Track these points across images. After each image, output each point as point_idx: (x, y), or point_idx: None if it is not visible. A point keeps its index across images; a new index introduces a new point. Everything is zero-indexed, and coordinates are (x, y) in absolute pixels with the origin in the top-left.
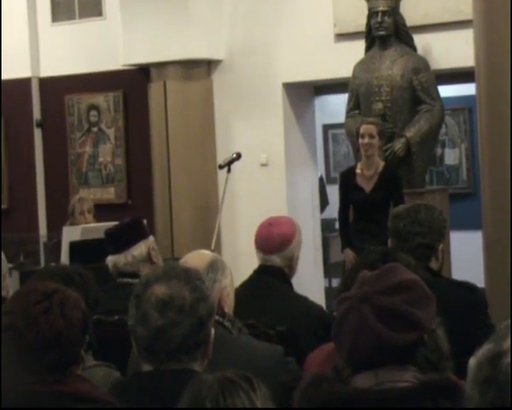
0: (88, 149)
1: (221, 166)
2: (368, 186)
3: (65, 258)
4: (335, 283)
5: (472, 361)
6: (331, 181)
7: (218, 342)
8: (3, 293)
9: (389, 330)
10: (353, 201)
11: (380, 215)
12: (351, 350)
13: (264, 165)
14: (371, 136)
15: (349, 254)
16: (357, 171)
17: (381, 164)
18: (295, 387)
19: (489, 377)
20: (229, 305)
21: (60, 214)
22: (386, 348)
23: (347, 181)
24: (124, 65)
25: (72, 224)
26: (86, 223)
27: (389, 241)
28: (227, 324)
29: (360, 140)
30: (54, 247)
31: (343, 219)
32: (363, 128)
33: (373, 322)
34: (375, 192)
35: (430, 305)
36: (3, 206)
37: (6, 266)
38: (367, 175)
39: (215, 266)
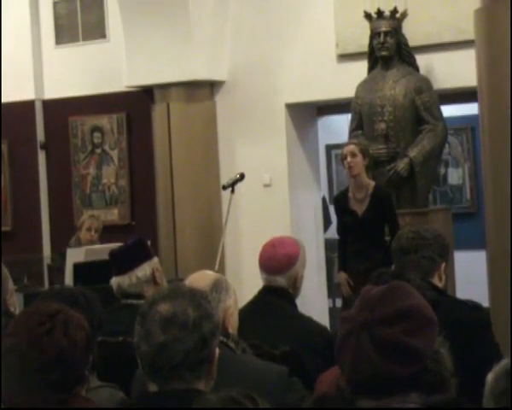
0: (91, 170)
1: (224, 187)
2: (360, 209)
3: (69, 279)
4: (339, 303)
5: (490, 375)
6: None
7: (222, 362)
8: (11, 309)
9: (388, 362)
10: (347, 224)
11: (374, 237)
12: (350, 377)
13: (267, 185)
14: (353, 154)
15: (342, 277)
16: (349, 194)
17: (371, 185)
18: (300, 407)
19: (505, 390)
20: (232, 325)
21: (64, 236)
22: (385, 380)
23: (340, 205)
24: (127, 87)
25: (78, 238)
26: (90, 240)
27: (393, 264)
28: (231, 344)
29: (344, 162)
30: (58, 268)
31: (340, 241)
32: (344, 150)
33: (371, 354)
34: (367, 214)
35: (431, 331)
36: (7, 228)
37: (11, 283)
38: (358, 198)
39: (219, 287)
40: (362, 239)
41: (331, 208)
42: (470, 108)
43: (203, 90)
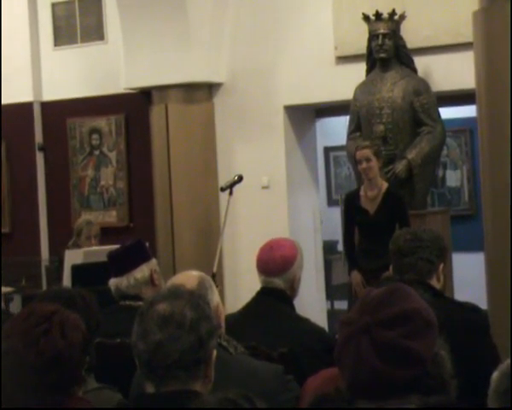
0: (90, 172)
1: (223, 189)
2: (372, 208)
3: (67, 281)
4: (338, 305)
5: (495, 374)
6: (332, 203)
7: (217, 362)
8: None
9: (388, 366)
10: (358, 222)
11: (384, 236)
12: (351, 382)
13: (265, 187)
14: (368, 159)
15: (357, 276)
16: (361, 193)
17: (385, 185)
18: (295, 405)
19: (509, 389)
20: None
21: (62, 237)
22: (386, 383)
23: (351, 203)
24: (125, 88)
25: (76, 244)
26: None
27: (391, 267)
28: (224, 343)
29: (359, 166)
30: (56, 269)
31: (348, 241)
32: (359, 154)
33: (372, 358)
34: (379, 213)
35: (431, 333)
36: (6, 229)
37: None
38: (370, 196)
39: (204, 286)
40: (372, 238)
41: (329, 210)
42: (468, 111)
43: (201, 92)
